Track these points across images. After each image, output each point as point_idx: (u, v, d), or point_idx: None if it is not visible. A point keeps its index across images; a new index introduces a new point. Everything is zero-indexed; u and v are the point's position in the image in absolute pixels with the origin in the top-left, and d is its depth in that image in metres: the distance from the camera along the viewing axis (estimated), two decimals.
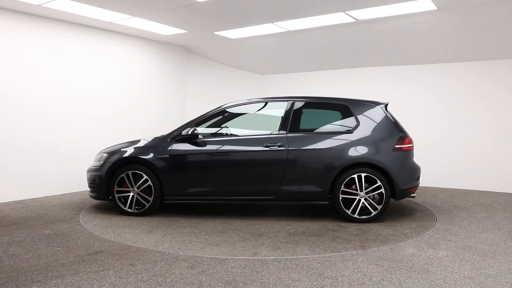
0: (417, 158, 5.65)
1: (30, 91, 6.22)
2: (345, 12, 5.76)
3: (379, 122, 5.10)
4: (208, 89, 9.06)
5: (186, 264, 3.48)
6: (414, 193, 5.21)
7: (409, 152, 5.08)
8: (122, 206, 5.25)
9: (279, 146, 4.98)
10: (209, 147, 5.17)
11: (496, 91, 7.09)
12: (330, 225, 4.80)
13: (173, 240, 4.20)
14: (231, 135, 5.43)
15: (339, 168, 4.87)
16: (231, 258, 3.63)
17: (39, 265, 3.45)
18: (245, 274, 3.27)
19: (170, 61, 8.38)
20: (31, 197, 6.27)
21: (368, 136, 4.98)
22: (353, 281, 3.13)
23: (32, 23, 6.22)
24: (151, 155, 5.19)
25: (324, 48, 7.81)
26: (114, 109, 7.41)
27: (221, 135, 5.47)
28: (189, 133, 5.17)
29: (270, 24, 6.54)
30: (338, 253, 3.77)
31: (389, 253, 3.77)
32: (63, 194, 6.60)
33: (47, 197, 6.39)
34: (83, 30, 6.87)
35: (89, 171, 5.55)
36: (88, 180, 5.55)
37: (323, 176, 4.93)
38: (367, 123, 5.08)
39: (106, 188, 5.27)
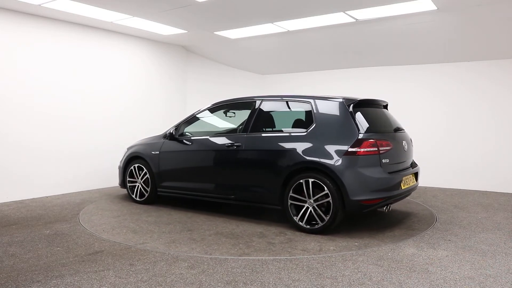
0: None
1: (30, 91, 6.22)
2: (345, 12, 5.76)
3: (337, 122, 4.49)
4: (208, 89, 9.06)
5: (186, 264, 3.48)
6: (385, 207, 4.53)
7: (369, 157, 4.29)
8: (130, 194, 6.08)
9: (237, 147, 4.96)
10: (183, 146, 5.53)
11: (496, 91, 7.09)
12: (272, 231, 4.54)
13: (115, 226, 4.76)
14: (206, 134, 5.59)
15: (287, 171, 4.52)
16: (231, 258, 3.63)
17: (39, 265, 3.45)
18: (245, 274, 3.27)
19: (170, 61, 8.38)
20: (31, 197, 6.27)
21: (320, 136, 4.45)
22: (353, 281, 3.13)
23: (32, 23, 6.22)
24: (148, 151, 5.85)
25: (324, 48, 7.81)
26: (114, 109, 7.41)
27: (202, 134, 5.63)
28: (171, 132, 5.69)
29: (270, 24, 6.54)
30: (338, 253, 3.77)
31: (389, 253, 3.77)
32: (63, 194, 6.60)
33: (47, 197, 6.39)
34: (83, 30, 6.87)
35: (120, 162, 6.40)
36: None
37: (273, 179, 4.64)
38: (323, 122, 4.53)
39: (123, 179, 6.17)
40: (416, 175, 5.02)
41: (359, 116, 4.50)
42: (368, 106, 4.81)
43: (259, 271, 3.32)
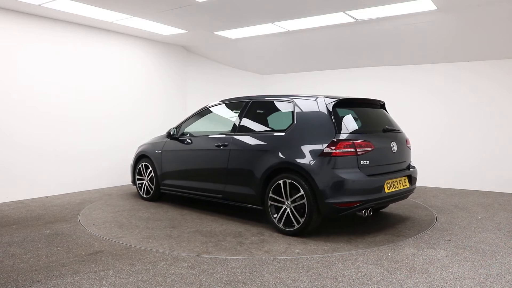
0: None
1: (30, 91, 6.22)
2: (345, 12, 5.77)
3: (315, 121, 4.34)
4: (208, 89, 9.07)
5: (186, 264, 3.48)
6: (363, 211, 4.19)
7: (346, 158, 4.08)
8: (138, 191, 6.35)
9: (224, 147, 5.00)
10: (181, 145, 5.67)
11: (496, 91, 7.09)
12: (252, 231, 4.51)
13: (107, 220, 4.98)
14: (202, 134, 5.67)
15: (267, 172, 4.48)
16: (231, 258, 3.63)
17: (39, 265, 3.45)
18: (245, 274, 3.27)
19: (170, 61, 8.38)
20: (31, 197, 6.27)
21: (298, 137, 4.36)
22: (353, 281, 3.13)
23: (32, 23, 6.22)
24: (153, 150, 6.07)
25: (324, 48, 7.81)
26: (114, 109, 7.41)
27: (198, 134, 5.71)
28: (169, 132, 5.88)
29: (270, 24, 6.54)
30: (337, 253, 3.77)
31: (389, 253, 3.77)
32: (63, 194, 6.60)
33: (47, 197, 6.39)
34: (83, 30, 6.87)
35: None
36: None
37: (254, 179, 4.62)
38: (302, 122, 4.43)
39: (134, 176, 6.45)
40: (409, 177, 4.74)
41: (340, 116, 4.33)
42: (355, 105, 4.67)
43: (259, 271, 3.32)
